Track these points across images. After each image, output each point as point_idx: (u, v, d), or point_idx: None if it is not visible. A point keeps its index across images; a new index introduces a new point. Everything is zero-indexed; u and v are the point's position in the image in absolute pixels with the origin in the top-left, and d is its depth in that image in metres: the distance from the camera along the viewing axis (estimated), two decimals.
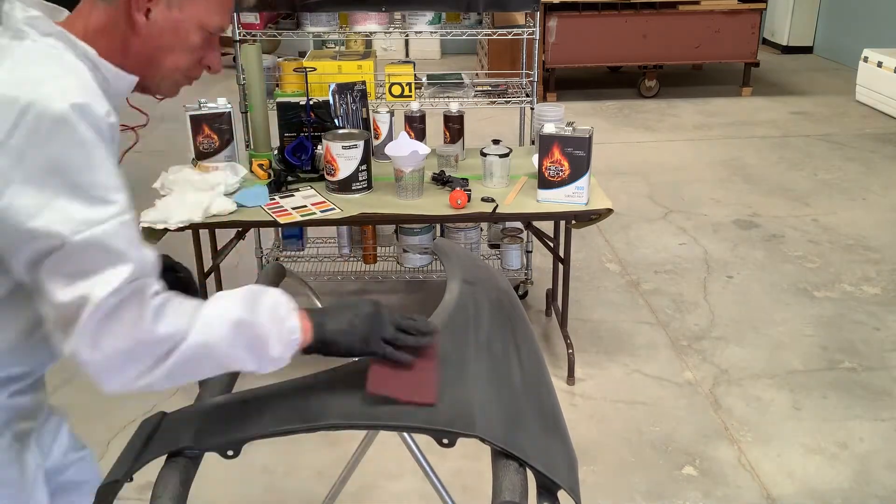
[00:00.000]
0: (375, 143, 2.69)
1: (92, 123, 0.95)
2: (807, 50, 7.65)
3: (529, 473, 0.96)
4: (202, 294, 2.67)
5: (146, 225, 2.21)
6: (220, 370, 1.01)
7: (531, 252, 3.14)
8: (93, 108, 0.95)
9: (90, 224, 0.92)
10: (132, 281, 0.94)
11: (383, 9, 2.78)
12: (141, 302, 0.94)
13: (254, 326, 1.00)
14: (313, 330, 1.07)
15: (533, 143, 2.80)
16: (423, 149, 2.39)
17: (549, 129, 2.34)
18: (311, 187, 2.51)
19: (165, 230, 2.23)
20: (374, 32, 2.90)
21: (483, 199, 2.42)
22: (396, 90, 2.84)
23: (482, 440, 0.97)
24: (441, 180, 2.52)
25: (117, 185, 0.96)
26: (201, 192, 2.34)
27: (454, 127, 2.71)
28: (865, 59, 5.78)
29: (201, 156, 2.55)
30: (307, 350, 1.08)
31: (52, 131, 0.92)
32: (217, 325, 0.98)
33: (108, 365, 0.94)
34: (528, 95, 2.91)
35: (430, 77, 3.07)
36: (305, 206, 2.38)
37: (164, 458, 0.99)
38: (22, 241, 0.92)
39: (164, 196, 2.34)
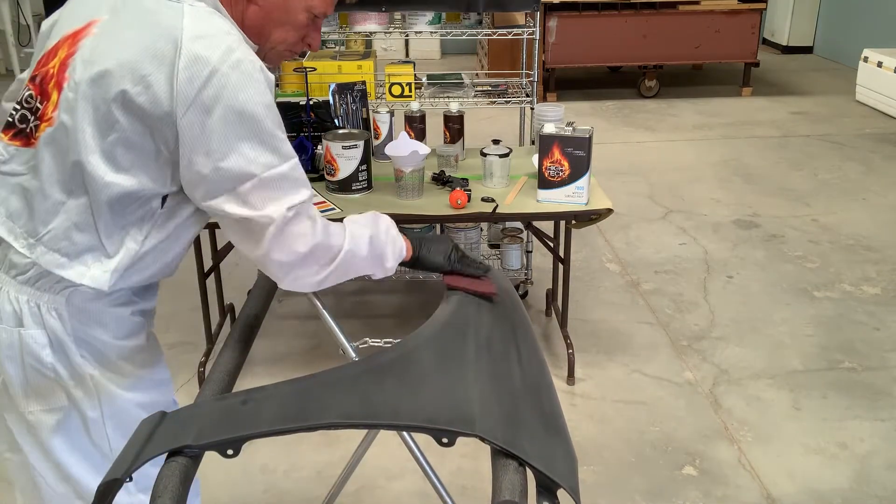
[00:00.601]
0: (375, 143, 2.69)
1: (269, 84, 1.14)
2: (807, 50, 7.65)
3: (529, 473, 0.96)
4: (201, 293, 2.68)
5: None
6: (357, 274, 1.28)
7: (531, 252, 3.14)
8: (266, 71, 1.15)
9: (269, 166, 1.13)
10: (302, 203, 1.16)
11: (383, 9, 2.78)
12: (312, 220, 1.19)
13: (379, 242, 1.27)
14: (412, 250, 1.34)
15: (533, 143, 2.81)
16: (423, 149, 2.39)
17: (549, 129, 2.34)
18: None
19: None
20: (374, 32, 2.90)
21: (483, 199, 2.42)
22: (396, 90, 2.84)
23: (482, 440, 0.97)
24: (441, 180, 2.52)
25: (285, 137, 1.17)
26: None
27: (454, 127, 2.71)
28: (865, 59, 5.78)
29: None
30: (404, 263, 1.34)
31: (240, 88, 1.09)
32: (359, 239, 1.25)
33: (292, 264, 1.18)
34: (528, 95, 2.91)
35: (430, 77, 3.07)
36: None
37: (164, 457, 0.99)
38: (208, 176, 1.12)
39: None
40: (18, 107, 1.20)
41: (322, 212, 2.34)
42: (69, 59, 1.15)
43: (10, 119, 1.21)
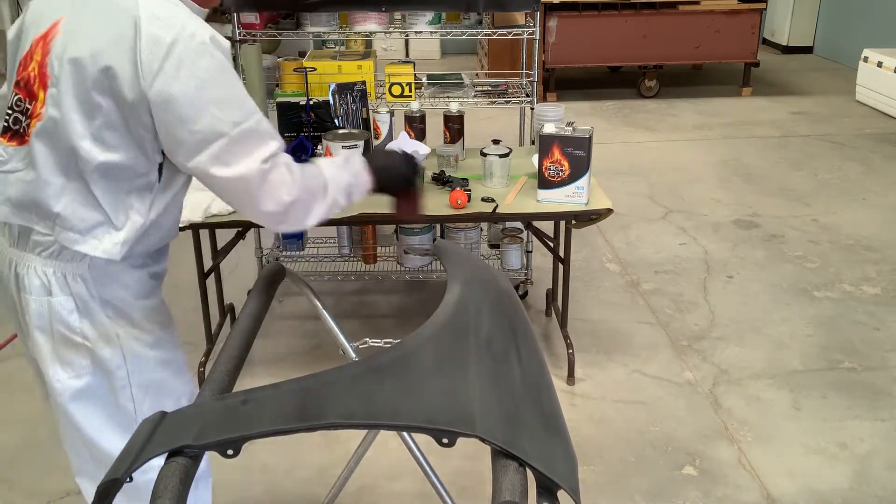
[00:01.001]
0: (375, 143, 2.68)
1: (222, 50, 1.24)
2: (807, 50, 7.65)
3: (529, 473, 0.96)
4: (201, 293, 2.68)
5: None
6: (336, 211, 1.39)
7: (531, 252, 3.14)
8: (218, 38, 1.25)
9: (237, 123, 1.22)
10: (273, 155, 1.26)
11: (383, 9, 2.78)
12: (288, 167, 1.29)
13: (350, 184, 1.40)
14: (373, 177, 1.44)
15: (533, 143, 2.81)
16: (423, 149, 2.39)
17: (549, 129, 2.34)
18: None
19: None
20: (374, 32, 2.90)
21: (483, 199, 2.42)
22: (396, 90, 2.84)
23: (482, 440, 0.97)
24: (441, 180, 2.52)
25: (245, 93, 1.26)
26: (201, 192, 2.33)
27: (454, 127, 2.71)
28: (865, 59, 5.78)
29: None
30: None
31: (199, 56, 1.20)
32: (336, 180, 1.37)
33: (287, 212, 1.29)
34: (528, 95, 2.91)
35: (430, 77, 3.07)
36: None
37: (164, 457, 0.99)
38: (186, 140, 1.22)
39: None
40: (10, 111, 1.31)
41: None
42: (45, 58, 1.26)
43: (6, 123, 1.32)
